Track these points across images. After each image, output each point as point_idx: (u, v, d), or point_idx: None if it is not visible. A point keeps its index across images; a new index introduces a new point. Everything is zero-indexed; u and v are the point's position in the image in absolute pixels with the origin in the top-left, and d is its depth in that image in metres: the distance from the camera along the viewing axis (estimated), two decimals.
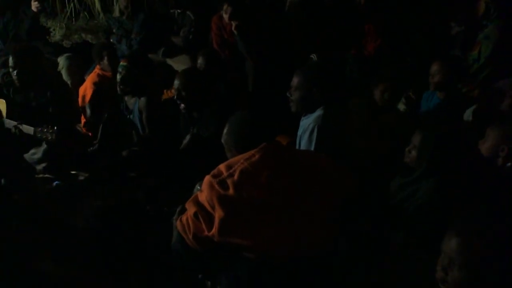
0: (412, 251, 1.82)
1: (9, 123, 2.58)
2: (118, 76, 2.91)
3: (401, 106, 2.93)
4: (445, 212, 1.76)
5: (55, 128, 2.43)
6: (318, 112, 2.13)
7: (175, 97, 2.61)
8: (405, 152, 1.99)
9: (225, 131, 1.72)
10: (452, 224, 1.25)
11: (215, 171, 1.58)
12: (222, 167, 1.58)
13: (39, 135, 2.47)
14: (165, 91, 3.38)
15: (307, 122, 2.16)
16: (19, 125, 2.52)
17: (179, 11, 4.11)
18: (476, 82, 3.18)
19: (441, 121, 2.58)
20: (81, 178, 2.78)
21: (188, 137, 2.60)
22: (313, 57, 3.72)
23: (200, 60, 3.17)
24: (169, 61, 3.98)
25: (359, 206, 1.77)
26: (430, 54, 3.33)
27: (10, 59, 2.88)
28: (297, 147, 2.24)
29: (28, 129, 2.51)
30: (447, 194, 1.80)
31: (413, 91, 2.98)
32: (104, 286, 1.88)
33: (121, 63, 2.97)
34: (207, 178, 1.56)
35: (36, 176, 2.73)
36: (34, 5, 3.67)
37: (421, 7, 3.84)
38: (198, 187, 1.72)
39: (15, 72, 2.84)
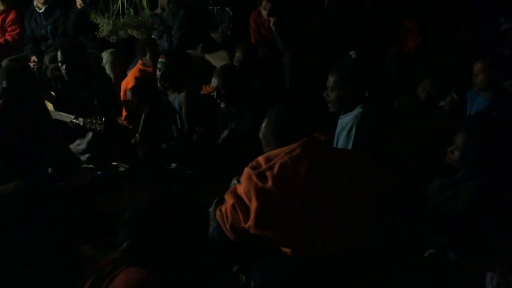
0: (450, 255, 1.77)
1: (60, 115, 2.71)
2: (158, 72, 2.98)
3: (446, 106, 2.83)
4: (486, 218, 1.70)
5: (103, 119, 2.54)
6: (357, 110, 2.10)
7: (215, 96, 2.65)
8: (447, 152, 1.93)
9: (263, 125, 1.70)
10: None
11: (253, 162, 1.58)
12: (261, 159, 1.58)
13: (88, 126, 2.58)
14: (203, 86, 3.44)
15: (345, 121, 2.14)
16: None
17: (218, 7, 4.16)
18: None
19: (487, 121, 2.47)
20: (122, 169, 2.88)
21: (226, 132, 2.64)
22: (351, 54, 3.67)
23: (238, 54, 3.21)
24: (208, 57, 4.03)
25: (395, 206, 1.74)
26: (476, 52, 3.20)
27: (59, 53, 3.03)
28: (334, 145, 2.22)
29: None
30: (489, 200, 1.74)
31: (456, 91, 2.87)
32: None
33: (160, 59, 3.04)
34: (246, 169, 1.57)
35: (80, 166, 2.86)
36: (78, 2, 3.85)
37: (468, 1, 3.69)
38: (235, 182, 1.75)
39: (63, 66, 2.99)
